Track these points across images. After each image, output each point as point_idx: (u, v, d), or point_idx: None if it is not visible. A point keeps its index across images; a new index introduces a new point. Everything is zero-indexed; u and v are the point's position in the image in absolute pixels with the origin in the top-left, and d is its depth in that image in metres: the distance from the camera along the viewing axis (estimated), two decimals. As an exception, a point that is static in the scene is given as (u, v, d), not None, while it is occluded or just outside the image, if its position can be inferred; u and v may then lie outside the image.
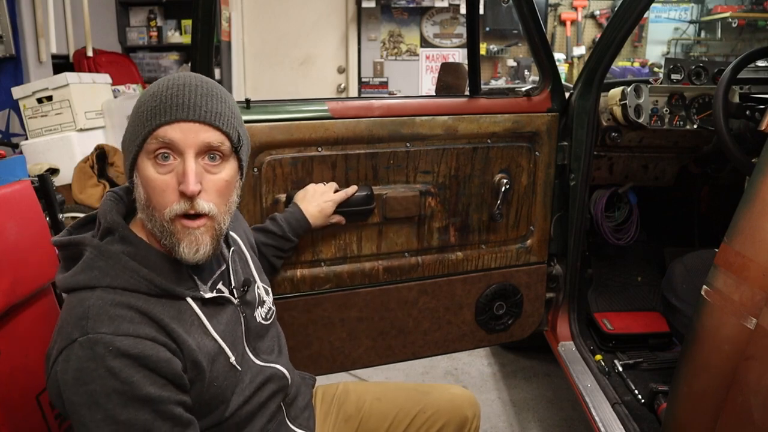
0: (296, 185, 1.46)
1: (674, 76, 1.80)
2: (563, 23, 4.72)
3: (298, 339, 1.55)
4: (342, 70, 4.91)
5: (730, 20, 4.39)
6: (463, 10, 4.55)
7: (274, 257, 1.37)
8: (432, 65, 4.80)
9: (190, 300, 0.90)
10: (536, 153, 1.67)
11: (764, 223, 0.95)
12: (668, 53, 4.72)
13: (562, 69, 4.58)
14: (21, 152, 3.03)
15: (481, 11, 4.51)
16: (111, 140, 3.21)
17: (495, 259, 1.70)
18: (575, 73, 4.62)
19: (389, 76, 4.85)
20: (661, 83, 1.80)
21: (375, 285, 1.59)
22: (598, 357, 1.77)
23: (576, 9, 4.69)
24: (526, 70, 4.63)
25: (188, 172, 0.84)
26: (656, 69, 4.51)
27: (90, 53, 3.93)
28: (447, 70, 2.35)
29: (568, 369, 1.71)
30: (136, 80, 4.29)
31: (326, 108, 1.47)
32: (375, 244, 1.57)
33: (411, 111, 1.53)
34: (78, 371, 0.77)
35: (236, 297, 1.00)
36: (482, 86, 1.77)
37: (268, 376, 1.02)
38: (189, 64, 2.96)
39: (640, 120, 1.69)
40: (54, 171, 2.77)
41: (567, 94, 1.71)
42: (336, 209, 1.44)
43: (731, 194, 1.42)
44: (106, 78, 3.50)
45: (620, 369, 1.71)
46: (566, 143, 1.71)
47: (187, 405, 0.86)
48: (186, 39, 4.70)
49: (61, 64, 3.72)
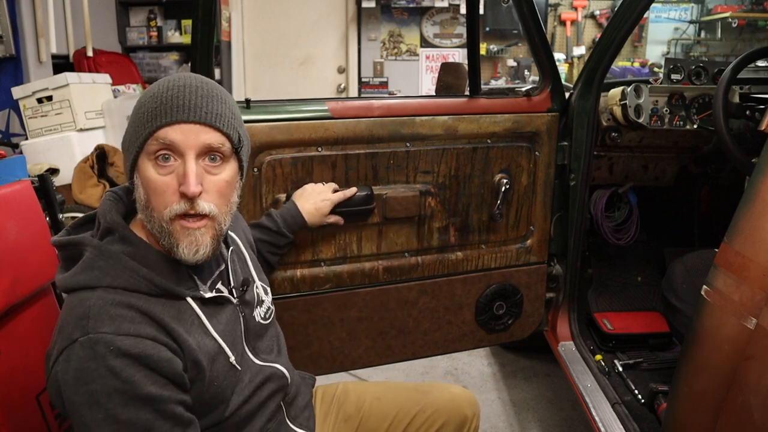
0: (296, 185, 1.45)
1: (674, 76, 1.80)
2: (563, 23, 4.72)
3: (298, 339, 1.55)
4: (342, 70, 4.91)
5: (730, 20, 4.39)
6: (463, 10, 4.55)
7: (269, 253, 1.36)
8: (432, 65, 4.79)
9: (190, 300, 0.90)
10: (536, 153, 1.67)
11: (764, 223, 0.95)
12: (668, 53, 4.72)
13: (562, 69, 4.58)
14: (21, 152, 3.03)
15: (481, 11, 4.51)
16: (111, 140, 3.21)
17: (495, 259, 1.70)
18: (575, 73, 4.62)
19: (389, 76, 4.85)
20: (661, 83, 1.80)
21: (375, 285, 1.60)
22: (598, 357, 1.77)
23: (576, 9, 4.69)
24: (526, 70, 4.63)
25: (189, 174, 0.84)
26: (656, 69, 4.51)
27: (90, 53, 3.93)
28: (447, 70, 2.35)
29: (568, 369, 1.71)
30: (136, 80, 4.29)
31: (326, 108, 1.47)
32: (375, 244, 1.57)
33: (411, 111, 1.53)
34: (79, 371, 0.78)
35: (235, 297, 1.00)
36: (482, 86, 1.77)
37: (268, 376, 1.02)
38: (189, 64, 2.96)
39: (640, 120, 1.69)
40: (54, 171, 2.77)
41: (567, 94, 1.71)
42: (336, 209, 1.44)
43: (731, 194, 1.42)
44: (106, 78, 3.50)
45: (620, 369, 1.71)
46: (566, 143, 1.71)
47: (188, 404, 0.86)
48: (186, 39, 4.70)
49: (61, 64, 3.72)
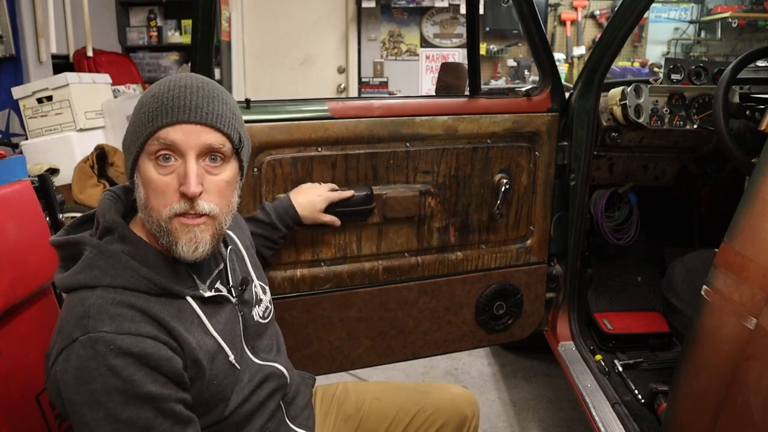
0: (296, 185, 1.45)
1: (674, 76, 1.80)
2: (563, 23, 4.72)
3: (298, 339, 1.55)
4: (342, 70, 4.91)
5: (730, 20, 4.39)
6: (463, 10, 4.55)
7: (264, 247, 1.36)
8: (432, 65, 4.79)
9: (190, 299, 0.90)
10: (536, 153, 1.67)
11: (764, 223, 0.95)
12: (668, 53, 4.72)
13: (562, 69, 4.58)
14: (21, 152, 3.03)
15: (481, 11, 4.52)
16: (111, 140, 3.21)
17: (495, 259, 1.70)
18: (575, 73, 4.62)
19: (389, 76, 4.85)
20: (661, 83, 1.80)
21: (375, 285, 1.60)
22: (598, 357, 1.77)
23: (576, 9, 4.69)
24: (526, 70, 4.63)
25: (189, 174, 0.84)
26: (656, 69, 4.51)
27: (90, 53, 3.93)
28: (447, 70, 2.35)
29: (568, 369, 1.71)
30: (136, 80, 4.29)
31: (326, 108, 1.47)
32: (375, 244, 1.57)
33: (411, 111, 1.53)
34: (79, 370, 0.78)
35: (234, 296, 1.00)
36: (482, 86, 1.77)
37: (267, 375, 1.03)
38: (189, 64, 2.96)
39: (640, 120, 1.69)
40: (54, 171, 2.77)
41: (567, 94, 1.71)
42: (335, 209, 1.44)
43: (731, 194, 1.42)
44: (106, 78, 3.50)
45: (620, 369, 1.71)
46: (566, 143, 1.71)
47: (188, 403, 0.86)
48: (186, 39, 4.70)
49: (61, 64, 3.72)
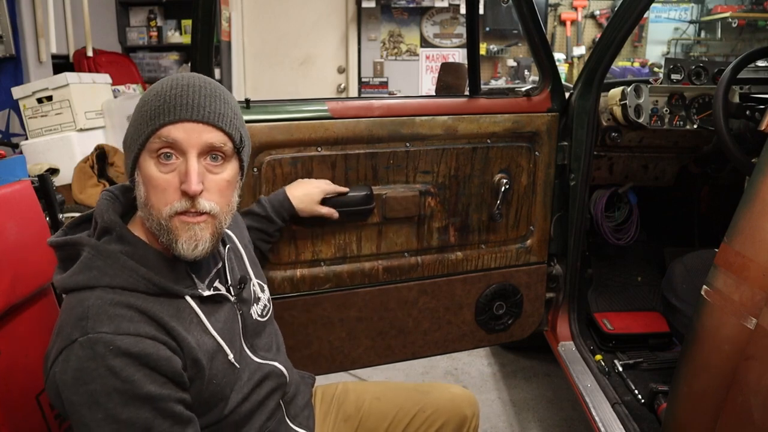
0: None
1: (674, 76, 1.80)
2: (563, 23, 4.72)
3: (298, 339, 1.55)
4: (342, 70, 4.91)
5: (730, 20, 4.39)
6: (463, 10, 4.55)
7: (260, 240, 1.36)
8: (432, 65, 4.79)
9: (189, 298, 0.90)
10: (536, 153, 1.67)
11: (764, 223, 0.95)
12: (668, 53, 4.72)
13: (562, 69, 4.57)
14: (21, 152, 3.03)
15: (481, 11, 4.51)
16: (111, 140, 3.21)
17: (495, 259, 1.70)
18: (575, 73, 4.62)
19: (389, 76, 4.85)
20: (661, 83, 1.80)
21: (374, 285, 1.60)
22: (598, 357, 1.77)
23: (576, 9, 4.69)
24: (526, 70, 4.63)
25: (191, 172, 0.84)
26: (656, 69, 4.50)
27: (90, 53, 3.93)
28: (447, 70, 2.35)
29: (568, 369, 1.71)
30: (136, 80, 4.29)
31: (326, 108, 1.47)
32: (375, 244, 1.57)
33: (411, 111, 1.53)
34: (78, 371, 0.77)
35: (233, 294, 1.00)
36: (482, 86, 1.77)
37: (266, 374, 1.03)
38: (189, 64, 2.96)
39: (640, 120, 1.69)
40: (54, 171, 2.77)
41: (567, 94, 1.71)
42: (336, 209, 1.44)
43: (731, 194, 1.42)
44: (106, 78, 3.50)
45: (620, 369, 1.71)
46: (566, 143, 1.71)
47: (187, 403, 0.86)
48: (186, 39, 4.69)
49: (61, 64, 3.72)
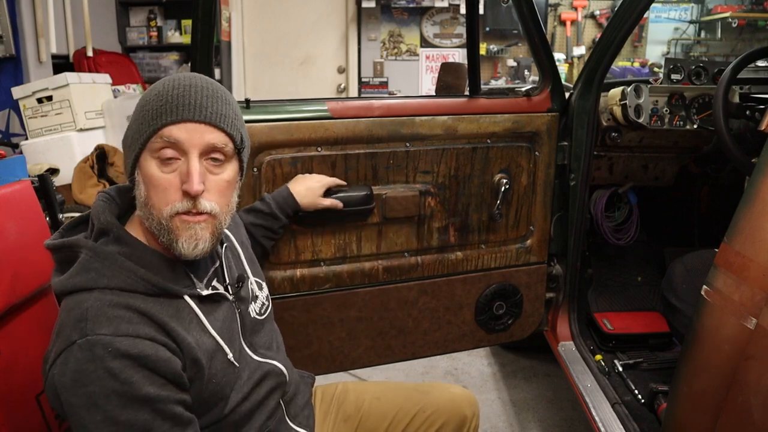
0: None
1: (674, 76, 1.80)
2: (563, 23, 4.71)
3: (298, 338, 1.55)
4: (342, 70, 4.91)
5: (730, 20, 4.39)
6: (463, 10, 4.54)
7: (264, 238, 1.36)
8: (432, 65, 4.79)
9: (188, 298, 0.90)
10: (536, 153, 1.67)
11: (764, 223, 0.95)
12: (668, 53, 4.72)
13: (562, 69, 4.57)
14: (21, 152, 3.03)
15: (481, 11, 4.51)
16: (111, 140, 3.21)
17: (495, 259, 1.70)
18: (575, 73, 4.61)
19: (389, 76, 4.85)
20: (661, 83, 1.80)
21: (374, 285, 1.59)
22: (598, 357, 1.77)
23: (576, 9, 4.69)
24: (526, 70, 4.63)
25: (192, 172, 0.84)
26: (656, 69, 4.50)
27: (90, 53, 3.93)
28: (447, 70, 2.35)
29: (568, 369, 1.71)
30: (136, 80, 4.29)
31: (326, 108, 1.47)
32: (375, 244, 1.57)
33: (411, 111, 1.53)
34: (76, 373, 0.77)
35: (231, 293, 1.00)
36: (482, 86, 1.77)
37: (266, 372, 1.03)
38: (189, 64, 2.96)
39: (640, 120, 1.69)
40: (54, 171, 2.77)
41: (567, 94, 1.71)
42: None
43: (731, 194, 1.42)
44: (106, 78, 3.50)
45: (620, 369, 1.71)
46: (566, 143, 1.71)
47: (187, 404, 0.86)
48: (186, 39, 4.69)
49: (61, 64, 3.72)
